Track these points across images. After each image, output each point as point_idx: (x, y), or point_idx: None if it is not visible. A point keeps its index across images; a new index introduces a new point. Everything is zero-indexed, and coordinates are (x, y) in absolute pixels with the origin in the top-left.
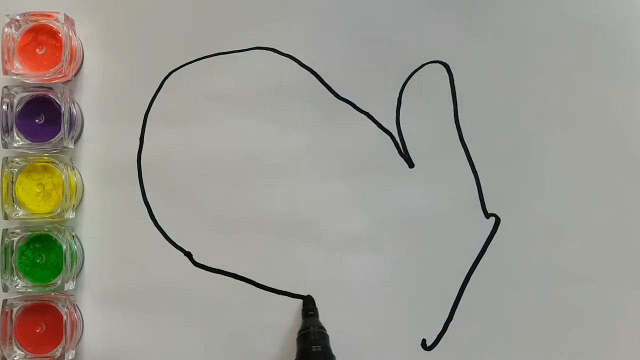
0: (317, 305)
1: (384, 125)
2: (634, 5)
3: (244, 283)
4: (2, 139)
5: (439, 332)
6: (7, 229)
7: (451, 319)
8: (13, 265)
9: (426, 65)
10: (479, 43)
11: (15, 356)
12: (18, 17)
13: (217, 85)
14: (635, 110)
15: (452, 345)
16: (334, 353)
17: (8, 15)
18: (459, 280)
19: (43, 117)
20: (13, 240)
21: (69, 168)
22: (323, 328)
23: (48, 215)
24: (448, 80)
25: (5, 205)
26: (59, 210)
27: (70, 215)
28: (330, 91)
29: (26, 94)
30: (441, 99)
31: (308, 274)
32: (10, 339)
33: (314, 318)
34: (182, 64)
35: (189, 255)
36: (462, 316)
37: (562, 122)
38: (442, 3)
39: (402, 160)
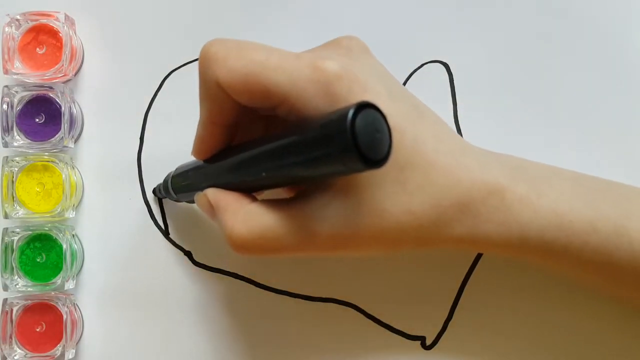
0: (316, 303)
1: None
2: (634, 5)
3: (244, 282)
4: (3, 138)
5: (439, 331)
6: (7, 228)
7: (451, 318)
8: (13, 264)
9: (426, 65)
10: (479, 43)
11: (15, 355)
12: (18, 17)
13: None
14: (635, 110)
15: (452, 345)
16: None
17: (8, 14)
18: (458, 278)
19: (43, 116)
20: (13, 240)
21: (69, 167)
22: None
23: (48, 215)
24: (448, 80)
25: (6, 205)
26: (59, 210)
27: (71, 214)
28: None
29: (26, 94)
30: (441, 99)
31: (308, 273)
32: (10, 338)
33: None
34: (182, 64)
35: (188, 254)
36: (462, 315)
37: (562, 122)
38: (442, 3)
39: None
